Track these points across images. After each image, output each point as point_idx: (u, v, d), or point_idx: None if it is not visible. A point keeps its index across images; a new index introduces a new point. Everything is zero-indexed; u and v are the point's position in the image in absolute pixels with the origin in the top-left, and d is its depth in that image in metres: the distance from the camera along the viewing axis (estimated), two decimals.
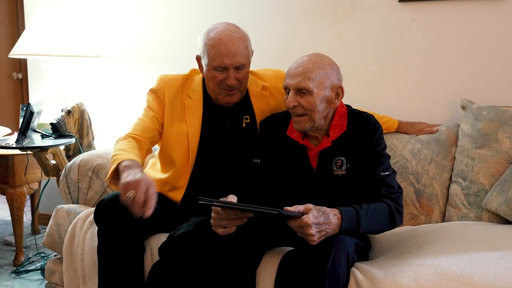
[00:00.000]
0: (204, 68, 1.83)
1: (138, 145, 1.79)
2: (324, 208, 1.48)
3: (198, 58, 1.86)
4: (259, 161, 1.79)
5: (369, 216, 1.54)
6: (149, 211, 1.43)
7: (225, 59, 1.75)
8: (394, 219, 1.60)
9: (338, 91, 1.69)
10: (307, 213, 1.44)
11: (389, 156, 1.71)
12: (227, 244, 1.53)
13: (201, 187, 1.87)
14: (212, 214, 1.55)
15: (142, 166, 1.64)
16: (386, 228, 1.61)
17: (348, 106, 1.78)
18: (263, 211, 1.42)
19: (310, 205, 1.46)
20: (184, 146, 1.88)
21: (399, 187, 1.68)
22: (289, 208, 1.45)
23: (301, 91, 1.63)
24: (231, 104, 1.87)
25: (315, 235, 1.44)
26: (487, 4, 2.22)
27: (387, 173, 1.65)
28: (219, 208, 1.53)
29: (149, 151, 1.88)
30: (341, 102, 1.74)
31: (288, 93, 1.67)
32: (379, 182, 1.63)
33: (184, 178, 1.88)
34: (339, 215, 1.49)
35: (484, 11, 2.23)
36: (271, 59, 2.51)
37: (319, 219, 1.44)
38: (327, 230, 1.46)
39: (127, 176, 1.50)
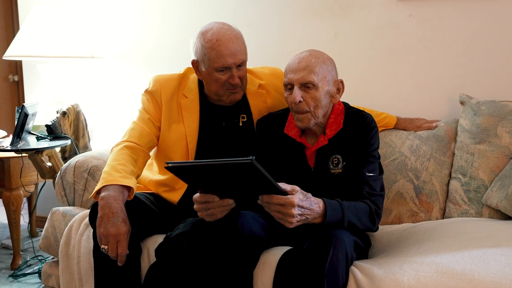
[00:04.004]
0: (204, 72, 1.81)
1: (135, 156, 1.78)
2: (309, 194, 1.47)
3: (195, 63, 1.84)
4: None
5: (351, 210, 1.54)
6: (120, 264, 1.59)
7: (227, 58, 1.74)
8: (374, 220, 1.61)
9: (339, 86, 1.70)
10: (293, 194, 1.42)
11: (379, 157, 1.70)
12: (223, 244, 1.51)
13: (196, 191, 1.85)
14: (195, 207, 1.52)
15: (125, 190, 1.66)
16: (368, 225, 1.60)
17: (346, 104, 1.77)
18: (233, 162, 1.30)
19: (297, 187, 1.44)
20: (183, 147, 1.86)
21: (382, 189, 1.67)
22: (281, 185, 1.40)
23: (306, 86, 1.62)
24: (235, 102, 1.85)
25: (296, 217, 1.41)
26: None
27: (372, 174, 1.64)
28: (197, 197, 1.49)
29: (147, 158, 1.86)
30: (339, 100, 1.73)
31: (290, 89, 1.66)
32: (362, 181, 1.63)
33: None
34: (321, 205, 1.48)
35: (481, 6, 2.21)
36: (267, 57, 2.49)
37: (304, 203, 1.43)
38: (308, 216, 1.45)
39: (100, 222, 1.58)
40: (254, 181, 1.36)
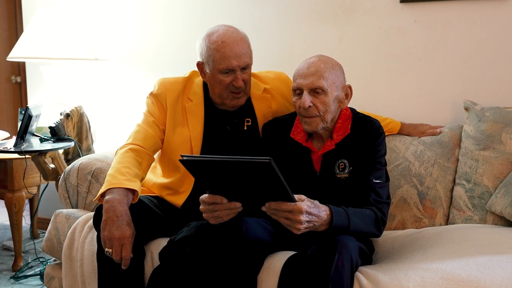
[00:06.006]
0: (208, 74, 1.81)
1: (140, 159, 1.78)
2: (316, 201, 1.48)
3: (200, 64, 1.84)
4: None
5: (357, 217, 1.55)
6: (124, 267, 1.59)
7: (232, 60, 1.73)
8: (380, 227, 1.61)
9: (347, 91, 1.71)
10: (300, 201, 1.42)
11: (385, 164, 1.70)
12: (227, 248, 1.51)
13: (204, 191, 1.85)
14: (201, 207, 1.52)
15: (130, 193, 1.66)
16: (374, 232, 1.61)
17: (353, 110, 1.77)
18: (250, 160, 1.29)
19: (303, 196, 1.45)
20: (187, 151, 1.86)
21: (388, 197, 1.67)
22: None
23: (316, 91, 1.62)
24: (238, 106, 1.85)
25: (303, 224, 1.42)
26: (489, 4, 2.20)
27: (378, 181, 1.64)
28: (205, 197, 1.49)
29: (151, 161, 1.86)
30: (347, 105, 1.73)
31: (299, 94, 1.66)
32: (369, 188, 1.63)
33: (188, 183, 1.86)
34: (328, 212, 1.49)
35: (486, 12, 2.21)
36: (271, 61, 2.48)
37: (312, 210, 1.44)
38: (315, 223, 1.46)
39: (104, 225, 1.58)
40: (268, 183, 1.35)
